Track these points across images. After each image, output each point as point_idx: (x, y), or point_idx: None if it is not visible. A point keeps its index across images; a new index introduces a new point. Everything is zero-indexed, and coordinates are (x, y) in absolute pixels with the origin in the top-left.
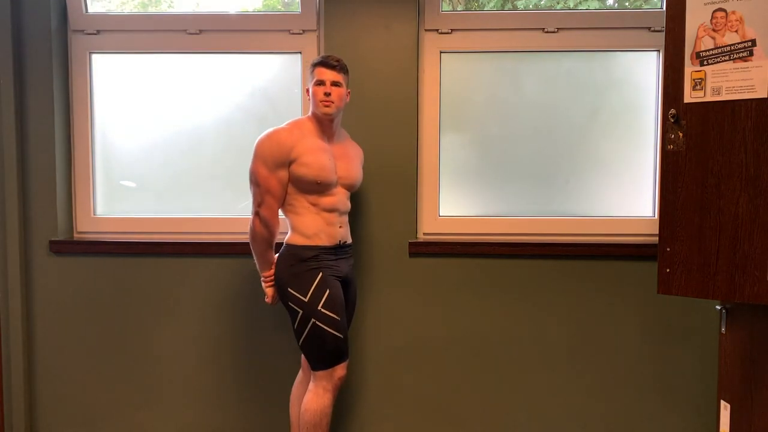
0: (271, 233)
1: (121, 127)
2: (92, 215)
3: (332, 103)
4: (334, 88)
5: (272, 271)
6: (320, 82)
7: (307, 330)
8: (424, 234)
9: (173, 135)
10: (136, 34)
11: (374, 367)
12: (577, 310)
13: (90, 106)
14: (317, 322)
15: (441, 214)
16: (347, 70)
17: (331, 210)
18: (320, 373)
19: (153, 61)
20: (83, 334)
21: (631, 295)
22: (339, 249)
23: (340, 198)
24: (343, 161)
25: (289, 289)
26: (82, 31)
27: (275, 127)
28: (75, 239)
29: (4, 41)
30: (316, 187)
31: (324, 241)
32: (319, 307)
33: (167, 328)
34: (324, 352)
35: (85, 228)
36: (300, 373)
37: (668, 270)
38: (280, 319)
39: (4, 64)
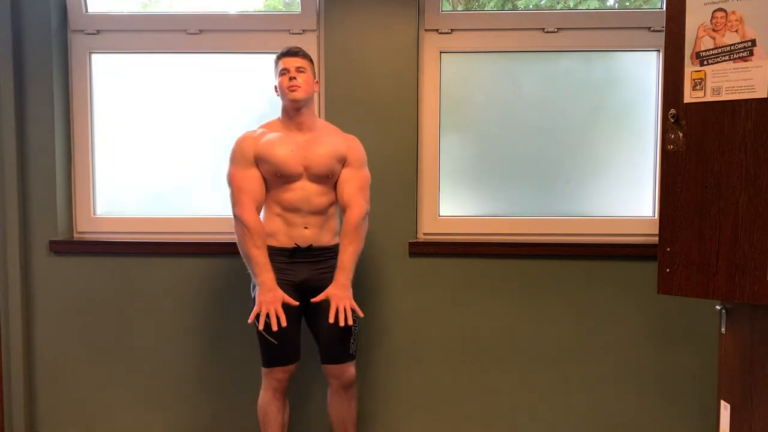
0: (250, 232)
1: (121, 127)
2: (92, 215)
3: (299, 87)
4: (299, 74)
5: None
6: (285, 71)
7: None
8: (424, 234)
9: (173, 134)
10: (136, 34)
11: (374, 367)
12: (577, 310)
13: (90, 106)
14: (255, 321)
15: (441, 214)
16: (311, 59)
17: (292, 209)
18: (263, 369)
19: (153, 61)
20: (83, 334)
21: (631, 295)
22: (298, 252)
23: (305, 195)
24: (309, 150)
25: (251, 285)
26: (82, 31)
27: None
28: (75, 239)
29: (4, 41)
30: (279, 180)
31: (280, 242)
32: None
33: (167, 328)
34: (261, 351)
35: (85, 228)
36: None
37: (668, 270)
38: None
39: (4, 64)
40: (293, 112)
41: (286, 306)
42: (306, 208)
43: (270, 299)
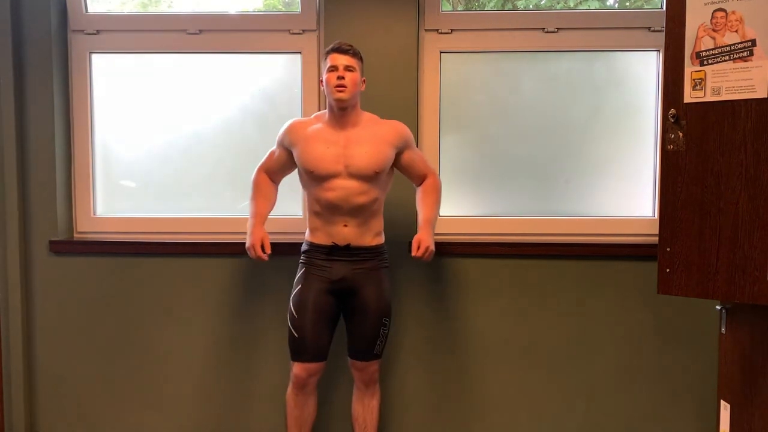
0: (257, 185)
1: (121, 127)
2: (92, 215)
3: (345, 87)
4: (347, 72)
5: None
6: (333, 68)
7: None
8: None
9: (173, 135)
10: (136, 34)
11: None
12: (577, 310)
13: (90, 106)
14: (288, 312)
15: (441, 214)
16: (361, 57)
17: (330, 207)
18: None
19: (153, 61)
20: (83, 334)
21: (631, 295)
22: (336, 250)
23: (345, 194)
24: (350, 149)
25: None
26: (82, 31)
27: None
28: (75, 239)
29: (4, 41)
30: (312, 177)
31: (319, 239)
32: (290, 299)
33: (167, 328)
34: (288, 342)
35: (85, 228)
36: None
37: (668, 270)
38: (280, 318)
39: (4, 64)
40: (338, 110)
41: (316, 305)
42: (346, 207)
43: (251, 240)
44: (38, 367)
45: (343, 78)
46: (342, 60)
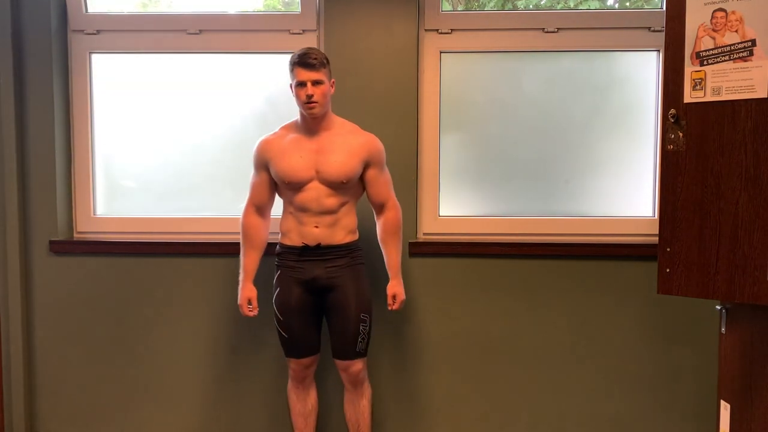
0: (242, 234)
1: (121, 126)
2: (92, 215)
3: (316, 103)
4: (316, 89)
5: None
6: (301, 84)
7: None
8: (424, 234)
9: (173, 134)
10: (136, 34)
11: (374, 367)
12: (577, 310)
13: (90, 106)
14: (273, 314)
15: (441, 214)
16: (327, 62)
17: (302, 209)
18: None
19: (153, 61)
20: (83, 334)
21: (631, 295)
22: (308, 250)
23: (316, 195)
24: (323, 155)
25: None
26: (82, 31)
27: None
28: (75, 239)
29: (4, 41)
30: (288, 186)
31: (291, 240)
32: (273, 301)
33: (167, 328)
34: (279, 341)
35: (85, 228)
36: None
37: (668, 270)
38: None
39: (4, 64)
40: (310, 120)
41: (297, 306)
42: (316, 208)
43: (239, 299)
44: (38, 367)
45: (312, 96)
46: (309, 76)
